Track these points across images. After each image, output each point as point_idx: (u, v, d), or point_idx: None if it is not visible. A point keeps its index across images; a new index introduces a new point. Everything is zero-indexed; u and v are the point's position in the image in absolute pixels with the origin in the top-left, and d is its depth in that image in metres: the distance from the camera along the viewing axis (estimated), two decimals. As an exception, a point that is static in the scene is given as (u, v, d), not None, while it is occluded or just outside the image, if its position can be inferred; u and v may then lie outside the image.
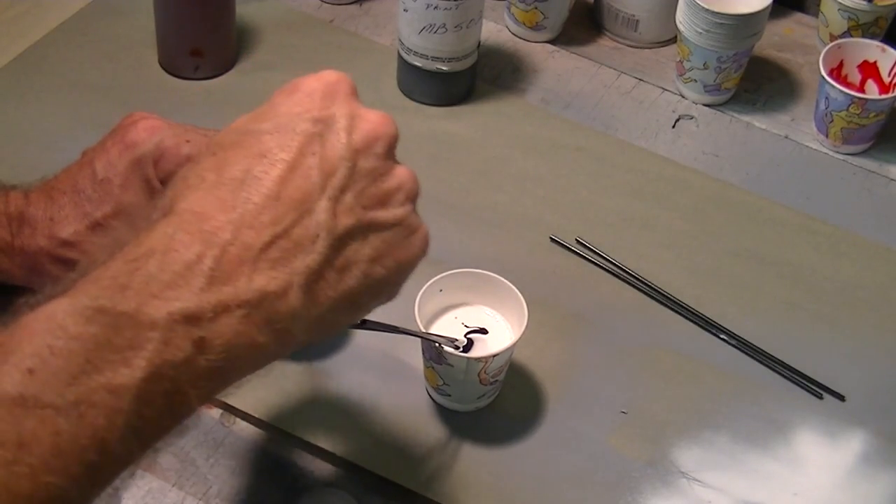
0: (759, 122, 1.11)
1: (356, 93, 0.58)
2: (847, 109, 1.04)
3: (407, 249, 0.57)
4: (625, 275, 0.95)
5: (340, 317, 0.56)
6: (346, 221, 0.54)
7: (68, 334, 0.47)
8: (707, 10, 1.04)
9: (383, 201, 0.56)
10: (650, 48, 1.17)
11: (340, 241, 0.54)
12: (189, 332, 0.49)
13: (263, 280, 0.51)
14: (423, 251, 0.59)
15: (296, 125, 0.54)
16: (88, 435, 0.47)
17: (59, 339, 0.47)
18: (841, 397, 0.89)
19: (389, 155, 0.57)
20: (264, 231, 0.52)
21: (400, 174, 0.57)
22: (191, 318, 0.49)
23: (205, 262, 0.50)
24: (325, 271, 0.53)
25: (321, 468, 0.81)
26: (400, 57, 1.07)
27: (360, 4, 1.19)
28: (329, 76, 0.57)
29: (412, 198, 0.58)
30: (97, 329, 0.48)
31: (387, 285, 0.57)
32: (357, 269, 0.55)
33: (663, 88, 1.13)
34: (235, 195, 0.52)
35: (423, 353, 0.83)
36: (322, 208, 0.53)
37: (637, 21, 1.15)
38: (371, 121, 0.56)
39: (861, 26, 1.13)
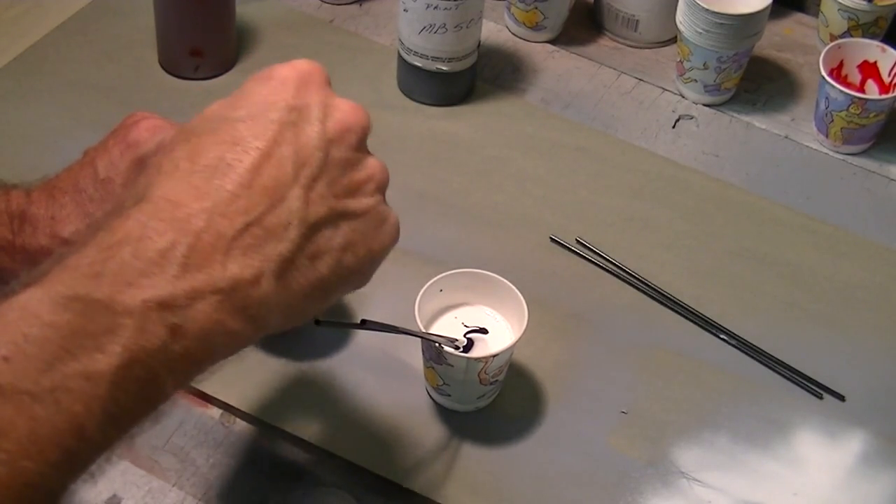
0: (759, 122, 1.11)
1: (329, 82, 0.58)
2: (847, 109, 1.04)
3: (378, 238, 0.58)
4: (625, 275, 0.95)
5: (312, 303, 0.56)
6: (318, 210, 0.55)
7: (43, 322, 0.48)
8: (707, 10, 1.04)
9: (354, 191, 0.57)
10: (650, 48, 1.17)
11: (312, 229, 0.55)
12: (163, 319, 0.49)
13: (236, 267, 0.52)
14: (393, 240, 0.60)
15: (270, 113, 0.55)
16: (66, 421, 0.47)
17: (33, 326, 0.47)
18: (841, 397, 0.89)
19: (361, 145, 0.58)
20: (237, 219, 0.52)
21: (371, 165, 0.58)
22: (165, 305, 0.50)
23: (178, 250, 0.50)
24: (297, 259, 0.54)
25: (321, 468, 0.81)
26: (400, 57, 1.07)
27: (360, 4, 1.19)
28: (302, 65, 0.58)
29: (382, 188, 0.59)
30: (72, 316, 0.48)
31: (356, 273, 0.58)
32: (329, 257, 0.56)
33: (663, 88, 1.13)
34: (208, 183, 0.52)
35: (423, 353, 0.83)
36: (295, 196, 0.54)
37: (637, 21, 1.16)
38: (344, 111, 0.57)
39: (861, 26, 1.13)
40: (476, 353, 0.81)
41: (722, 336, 0.92)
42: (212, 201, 0.52)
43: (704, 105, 1.12)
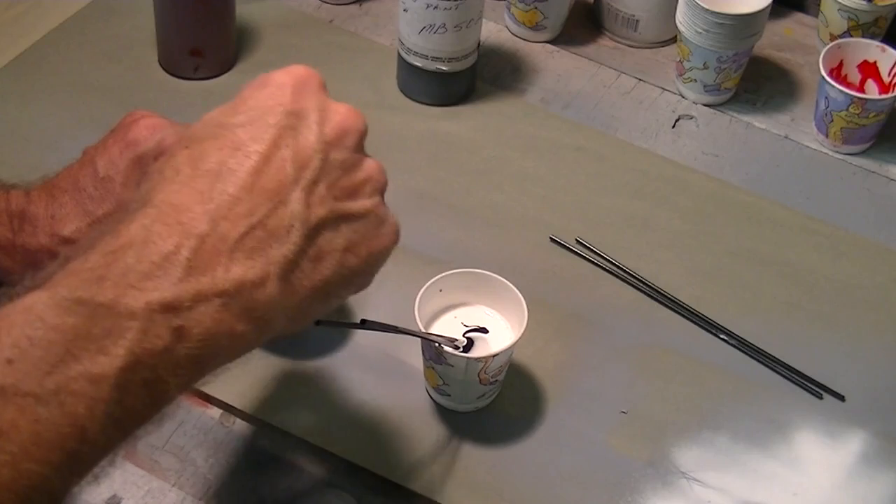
0: (759, 122, 1.11)
1: (325, 87, 0.59)
2: (847, 109, 1.04)
3: (378, 239, 0.59)
4: (625, 275, 0.95)
5: (315, 306, 0.57)
6: (319, 212, 0.55)
7: (47, 325, 0.48)
8: (707, 10, 1.04)
9: (354, 193, 0.57)
10: (650, 48, 1.17)
11: (314, 231, 0.55)
12: (167, 322, 0.50)
13: (240, 270, 0.52)
14: (393, 241, 0.60)
15: (268, 118, 0.56)
16: (69, 423, 0.47)
17: (38, 329, 0.48)
18: (841, 397, 0.89)
19: (359, 147, 0.59)
20: (240, 222, 0.53)
21: (369, 166, 0.59)
22: (169, 308, 0.50)
23: (182, 253, 0.51)
24: (300, 261, 0.54)
25: (321, 468, 0.81)
26: (400, 57, 1.07)
27: (360, 4, 1.19)
28: (298, 70, 0.58)
29: (380, 189, 0.59)
30: (76, 320, 0.48)
31: (359, 275, 0.59)
32: (331, 259, 0.56)
33: (663, 88, 1.13)
34: (211, 187, 0.53)
35: (423, 353, 0.83)
36: (296, 199, 0.54)
37: (637, 21, 1.16)
38: (341, 114, 0.58)
39: (861, 26, 1.13)
40: (476, 353, 0.81)
41: (722, 336, 0.92)
42: (215, 205, 0.52)
43: (704, 105, 1.12)
